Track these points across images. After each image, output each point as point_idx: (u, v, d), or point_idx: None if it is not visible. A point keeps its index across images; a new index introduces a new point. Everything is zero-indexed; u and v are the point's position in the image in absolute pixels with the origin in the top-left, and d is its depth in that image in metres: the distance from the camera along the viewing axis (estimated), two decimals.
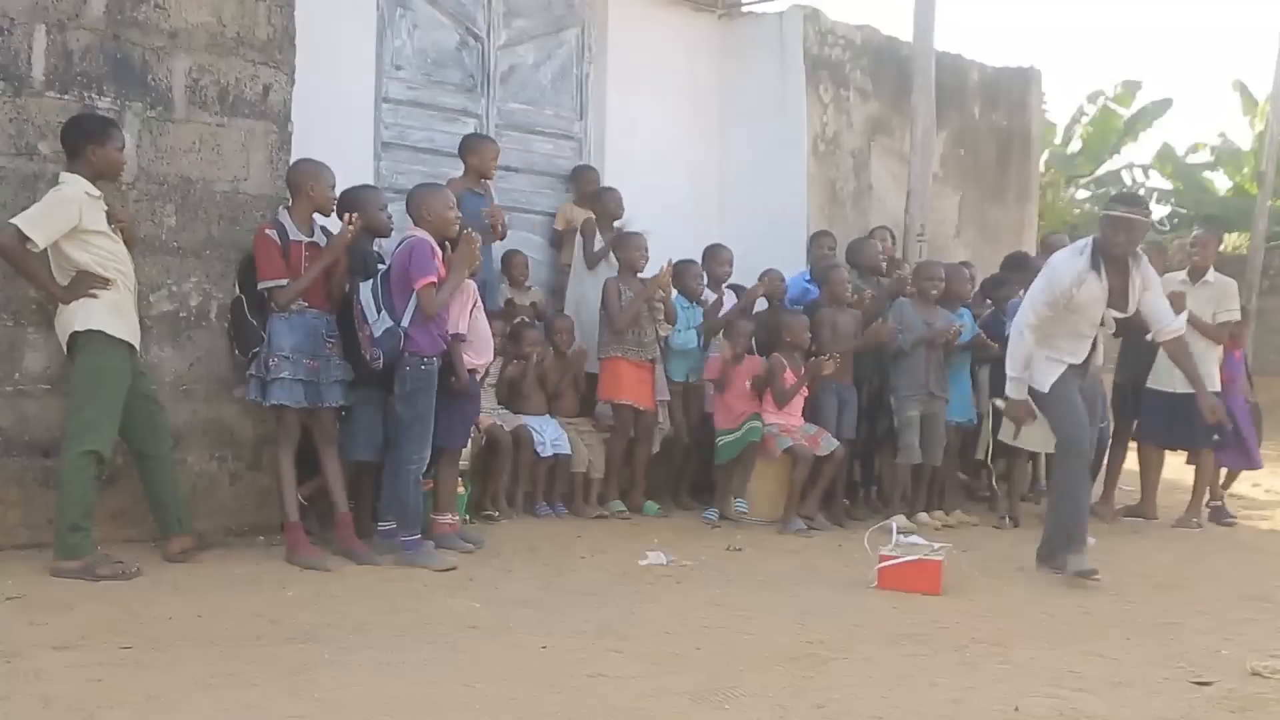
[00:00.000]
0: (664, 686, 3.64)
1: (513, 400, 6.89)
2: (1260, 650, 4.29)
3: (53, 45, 5.14)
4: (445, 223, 5.50)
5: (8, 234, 4.69)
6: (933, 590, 5.09)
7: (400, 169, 7.17)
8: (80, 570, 4.67)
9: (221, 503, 5.59)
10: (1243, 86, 18.68)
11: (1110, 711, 3.56)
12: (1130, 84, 18.96)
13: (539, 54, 7.87)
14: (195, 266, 5.51)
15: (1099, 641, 4.43)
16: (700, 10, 8.59)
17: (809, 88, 8.40)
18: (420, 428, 5.36)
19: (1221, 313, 7.64)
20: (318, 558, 5.19)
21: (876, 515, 7.04)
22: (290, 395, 5.25)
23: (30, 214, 4.74)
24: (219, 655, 3.77)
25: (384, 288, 5.33)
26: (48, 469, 5.07)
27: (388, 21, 7.17)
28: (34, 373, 5.12)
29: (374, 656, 3.83)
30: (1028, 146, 10.03)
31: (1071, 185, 19.97)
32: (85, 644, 3.83)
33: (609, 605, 4.74)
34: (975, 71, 9.66)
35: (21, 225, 4.69)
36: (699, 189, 8.44)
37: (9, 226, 4.70)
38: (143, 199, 5.35)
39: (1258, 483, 9.66)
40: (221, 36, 5.56)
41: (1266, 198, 13.53)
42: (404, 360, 5.30)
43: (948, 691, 3.69)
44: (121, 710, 3.23)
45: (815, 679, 3.79)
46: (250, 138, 5.66)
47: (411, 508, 5.39)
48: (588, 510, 6.88)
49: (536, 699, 3.47)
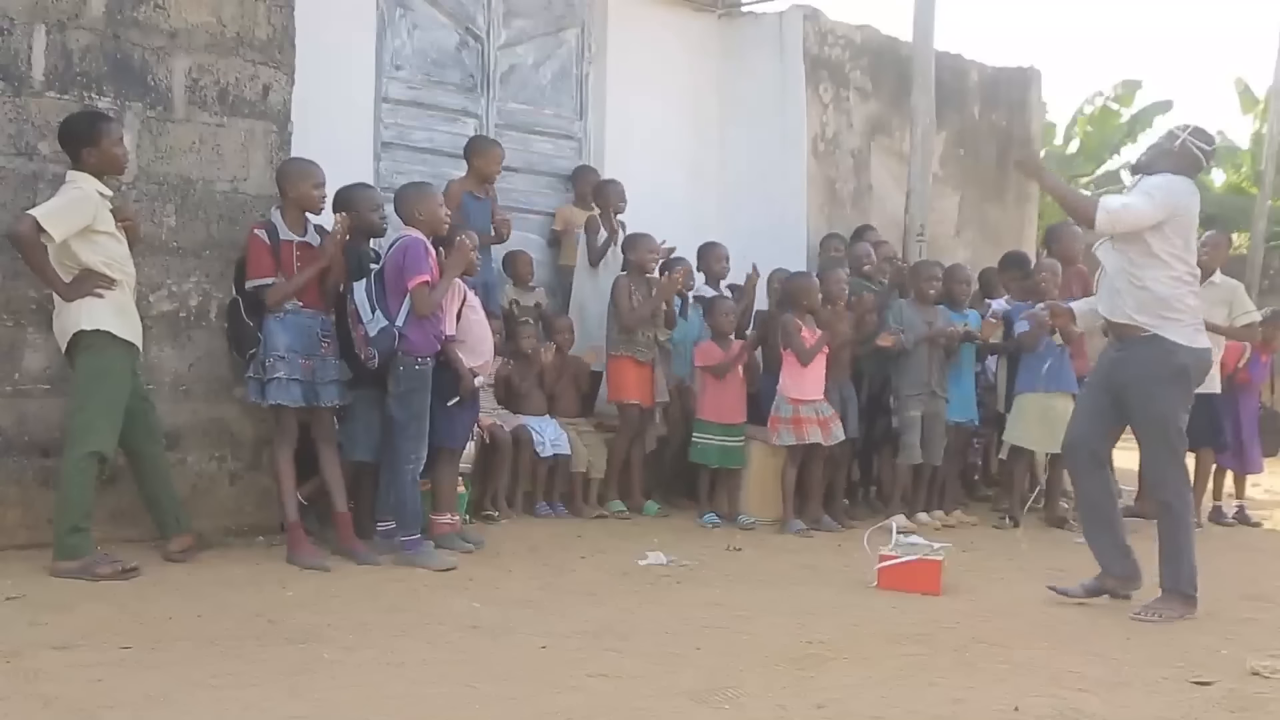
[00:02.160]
0: (664, 686, 3.64)
1: (512, 400, 6.90)
2: (1260, 650, 4.29)
3: (52, 45, 5.14)
4: (437, 221, 5.50)
5: (26, 224, 4.68)
6: (932, 590, 5.09)
7: (400, 169, 7.17)
8: (79, 570, 4.67)
9: (221, 503, 5.59)
10: (1244, 85, 18.67)
11: (1110, 711, 3.56)
12: (1130, 84, 18.95)
13: (539, 54, 7.87)
14: (195, 266, 5.51)
15: (1099, 641, 4.43)
16: (700, 10, 8.59)
17: (809, 88, 8.41)
18: (416, 427, 5.36)
19: (1239, 315, 7.64)
20: (318, 558, 5.19)
21: (876, 515, 7.03)
22: (287, 395, 5.25)
23: (49, 208, 4.73)
24: (219, 655, 3.77)
25: (378, 287, 5.33)
26: (47, 469, 5.06)
27: (387, 21, 7.17)
28: (34, 373, 5.12)
29: (374, 656, 3.83)
30: (1028, 146, 10.02)
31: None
32: (85, 644, 3.83)
33: (609, 605, 4.74)
34: (975, 71, 9.66)
35: (40, 218, 4.68)
36: (698, 189, 8.44)
37: (27, 217, 4.70)
38: (142, 199, 5.35)
39: (1257, 483, 9.67)
40: (221, 36, 5.56)
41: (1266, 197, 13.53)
42: (398, 360, 5.30)
43: (948, 691, 3.69)
44: (121, 710, 3.23)
45: (815, 679, 3.79)
46: (250, 138, 5.66)
47: (410, 508, 5.39)
48: (587, 510, 6.88)
49: (536, 699, 3.47)
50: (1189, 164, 4.99)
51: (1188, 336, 4.84)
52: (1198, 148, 4.99)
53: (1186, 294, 4.88)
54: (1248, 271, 12.49)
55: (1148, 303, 4.85)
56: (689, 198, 8.31)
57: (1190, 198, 4.94)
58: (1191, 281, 4.93)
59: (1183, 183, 4.94)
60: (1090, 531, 5.22)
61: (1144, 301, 4.85)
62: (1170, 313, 4.84)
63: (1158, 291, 4.84)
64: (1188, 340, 4.84)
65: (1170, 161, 4.99)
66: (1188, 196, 4.94)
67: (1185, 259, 4.90)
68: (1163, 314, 4.84)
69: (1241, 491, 8.22)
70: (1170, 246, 4.85)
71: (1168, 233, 4.86)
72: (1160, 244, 4.84)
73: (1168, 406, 4.89)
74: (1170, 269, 4.85)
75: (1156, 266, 4.84)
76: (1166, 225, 4.84)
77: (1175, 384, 4.87)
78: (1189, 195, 4.94)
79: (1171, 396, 4.88)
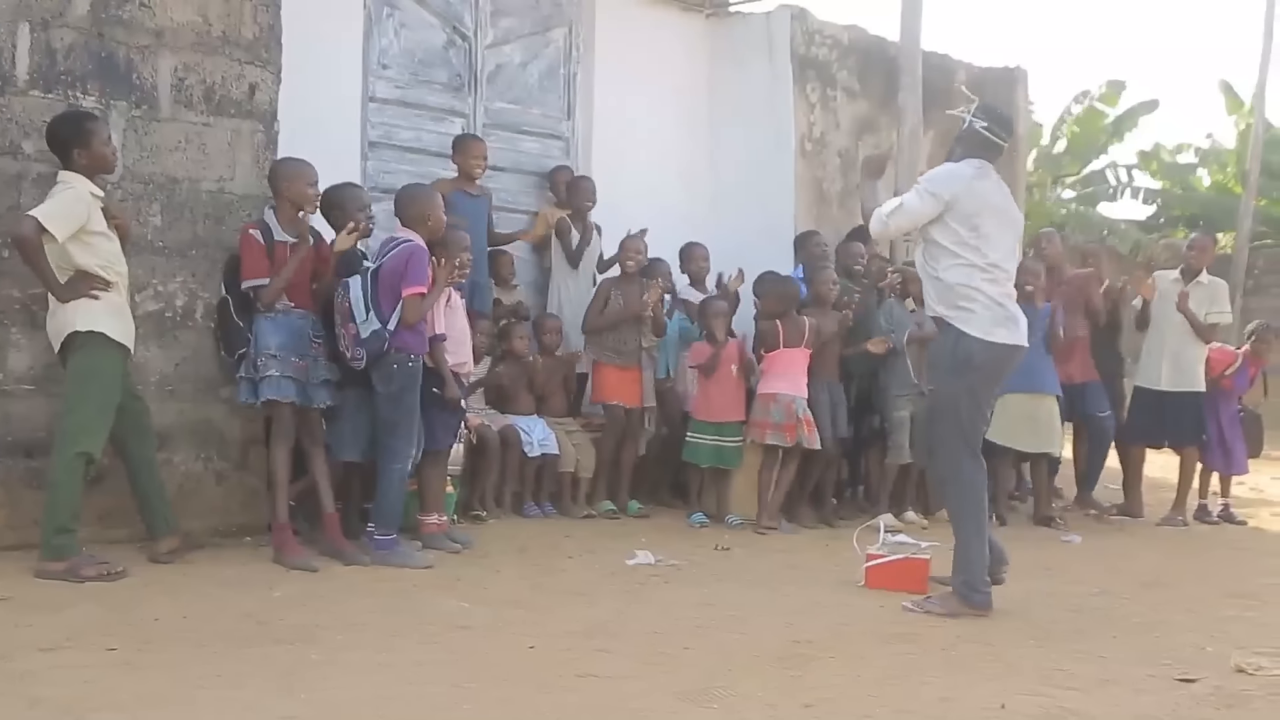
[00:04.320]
0: (653, 686, 3.64)
1: (500, 400, 6.89)
2: (1245, 647, 4.31)
3: (36, 43, 5.11)
4: (439, 227, 5.50)
5: (28, 225, 4.65)
6: (920, 589, 5.09)
7: (387, 168, 7.15)
8: (65, 572, 4.65)
9: (208, 503, 5.57)
10: (1228, 86, 18.75)
11: (1097, 709, 3.57)
12: (1116, 84, 19.03)
13: (526, 53, 7.86)
14: (181, 266, 5.49)
15: (1086, 640, 4.45)
16: (688, 10, 8.59)
17: (796, 87, 8.41)
18: (406, 426, 5.35)
19: (1212, 313, 7.70)
20: (305, 558, 5.17)
21: (864, 515, 7.04)
22: (281, 391, 5.22)
23: (48, 208, 4.71)
24: (207, 656, 3.76)
25: (373, 286, 5.31)
26: (33, 470, 5.04)
27: (375, 20, 7.14)
28: (18, 373, 5.10)
29: (363, 657, 3.82)
30: (1014, 146, 10.01)
31: (1058, 185, 20.04)
32: (72, 645, 3.81)
33: (598, 605, 4.73)
34: (962, 71, 9.66)
35: (41, 218, 4.66)
36: (687, 189, 8.44)
37: (29, 218, 4.66)
38: (128, 198, 5.32)
39: (1242, 481, 9.72)
40: (207, 35, 5.54)
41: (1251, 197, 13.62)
42: (390, 358, 5.28)
43: (936, 690, 3.70)
44: (109, 712, 3.21)
45: (804, 678, 3.79)
46: (236, 137, 5.64)
47: (392, 507, 5.36)
48: (576, 510, 6.87)
49: (525, 699, 3.46)
50: (979, 146, 4.89)
51: (982, 328, 4.68)
52: (984, 128, 4.88)
53: (982, 283, 4.71)
54: (1233, 271, 12.59)
55: (943, 293, 4.80)
56: (677, 198, 8.30)
57: (974, 182, 4.79)
58: (990, 270, 4.74)
59: (966, 167, 4.84)
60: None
61: (939, 292, 4.82)
62: (963, 302, 4.71)
63: (948, 281, 4.76)
64: (981, 332, 4.68)
65: (963, 146, 4.94)
66: (969, 182, 4.79)
67: (976, 246, 4.73)
68: (956, 304, 4.75)
69: (1226, 490, 8.26)
70: (954, 235, 4.74)
71: (949, 222, 4.75)
72: (943, 234, 4.77)
73: (952, 396, 4.77)
74: (958, 257, 4.73)
75: (945, 256, 4.78)
76: (947, 215, 4.75)
77: (959, 375, 4.74)
78: (971, 180, 4.79)
79: (955, 386, 4.76)
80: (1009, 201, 4.95)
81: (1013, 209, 4.97)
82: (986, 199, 4.81)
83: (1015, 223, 4.99)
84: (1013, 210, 4.97)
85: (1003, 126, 4.95)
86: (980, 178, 4.83)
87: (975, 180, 4.82)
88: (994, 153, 4.90)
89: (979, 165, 4.86)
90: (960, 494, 4.83)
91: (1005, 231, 4.87)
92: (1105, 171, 19.60)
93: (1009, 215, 4.93)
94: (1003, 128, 4.95)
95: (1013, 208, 4.98)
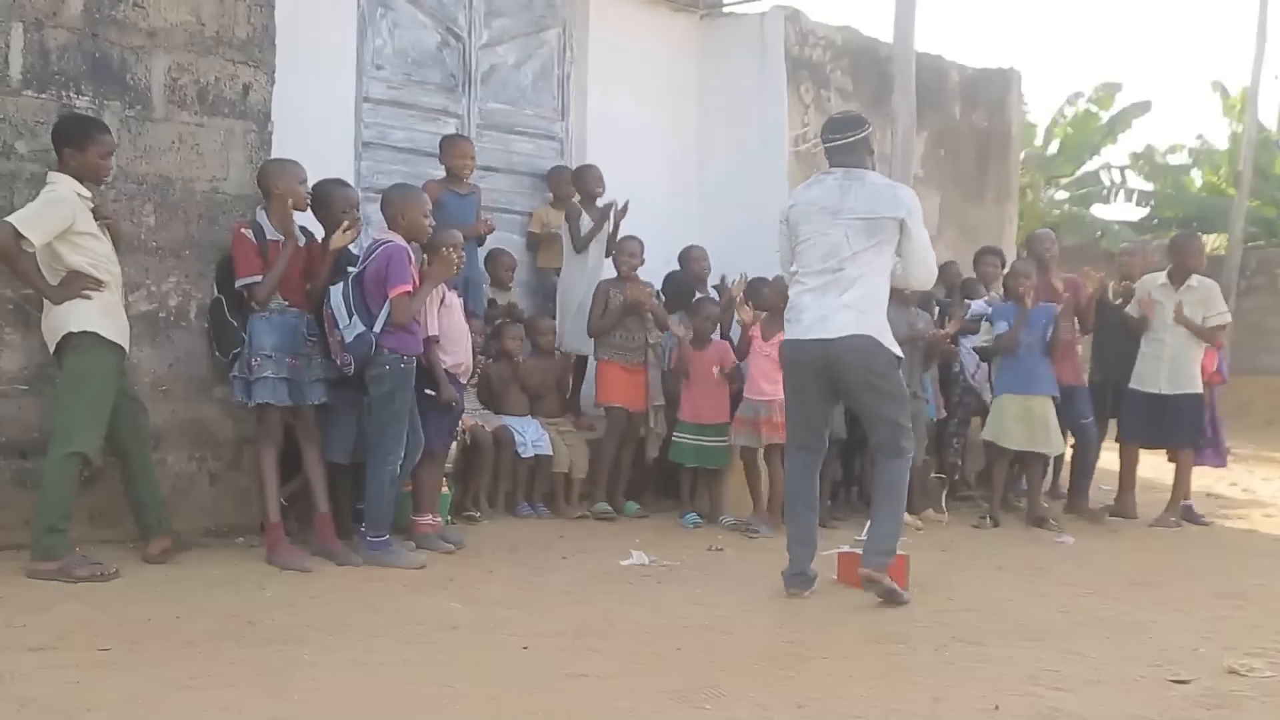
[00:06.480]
0: (644, 686, 3.64)
1: (493, 401, 6.89)
2: (1236, 648, 4.32)
3: (30, 44, 5.11)
4: (419, 228, 5.49)
5: (4, 232, 4.65)
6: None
7: (381, 169, 7.15)
8: (56, 572, 4.65)
9: (200, 503, 5.56)
10: (1221, 87, 18.80)
11: (1088, 709, 3.57)
12: (1109, 85, 19.08)
13: (520, 54, 7.86)
14: (174, 266, 5.49)
15: (1077, 640, 4.45)
16: (681, 11, 8.59)
17: (789, 88, 8.41)
18: (396, 427, 5.33)
19: (1212, 316, 7.70)
20: (297, 558, 5.17)
21: (859, 515, 7.04)
22: (274, 394, 5.23)
23: (25, 213, 4.71)
24: (197, 656, 3.76)
25: (356, 292, 5.30)
26: (24, 470, 5.04)
27: (368, 21, 7.14)
28: (10, 373, 5.09)
29: (353, 657, 3.82)
30: (1007, 147, 10.06)
31: (1051, 186, 20.08)
32: (62, 645, 3.81)
33: (590, 605, 4.73)
34: (955, 72, 9.69)
35: (17, 224, 4.66)
36: (679, 189, 8.43)
37: (4, 225, 4.66)
38: (121, 198, 5.32)
39: (1234, 482, 9.74)
40: (201, 35, 5.53)
41: (1244, 198, 13.64)
42: (382, 358, 5.27)
43: (927, 690, 3.70)
44: (99, 712, 3.21)
45: (796, 678, 3.80)
46: (230, 137, 5.63)
47: (382, 508, 5.34)
48: (569, 510, 6.87)
49: (517, 699, 3.46)
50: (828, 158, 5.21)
51: (790, 330, 5.13)
52: (822, 139, 5.25)
53: (794, 291, 5.12)
54: (1226, 272, 12.59)
55: None
56: (669, 198, 8.31)
57: (795, 197, 5.20)
58: (796, 277, 5.10)
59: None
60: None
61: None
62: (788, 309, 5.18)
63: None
64: (789, 334, 5.14)
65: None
66: (793, 197, 5.24)
67: (791, 258, 5.15)
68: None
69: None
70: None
71: (780, 239, 5.22)
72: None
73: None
74: (788, 271, 5.22)
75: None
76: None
77: (784, 371, 5.31)
78: (796, 194, 5.22)
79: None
80: (833, 197, 5.05)
81: (830, 201, 5.04)
82: (800, 212, 5.11)
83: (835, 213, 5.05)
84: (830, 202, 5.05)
85: (828, 129, 5.23)
86: (803, 191, 5.20)
87: (800, 193, 5.20)
88: (835, 158, 5.17)
89: (812, 180, 5.22)
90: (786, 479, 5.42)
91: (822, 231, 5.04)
92: (1098, 173, 19.64)
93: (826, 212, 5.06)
94: (828, 129, 5.22)
95: (832, 199, 5.06)
